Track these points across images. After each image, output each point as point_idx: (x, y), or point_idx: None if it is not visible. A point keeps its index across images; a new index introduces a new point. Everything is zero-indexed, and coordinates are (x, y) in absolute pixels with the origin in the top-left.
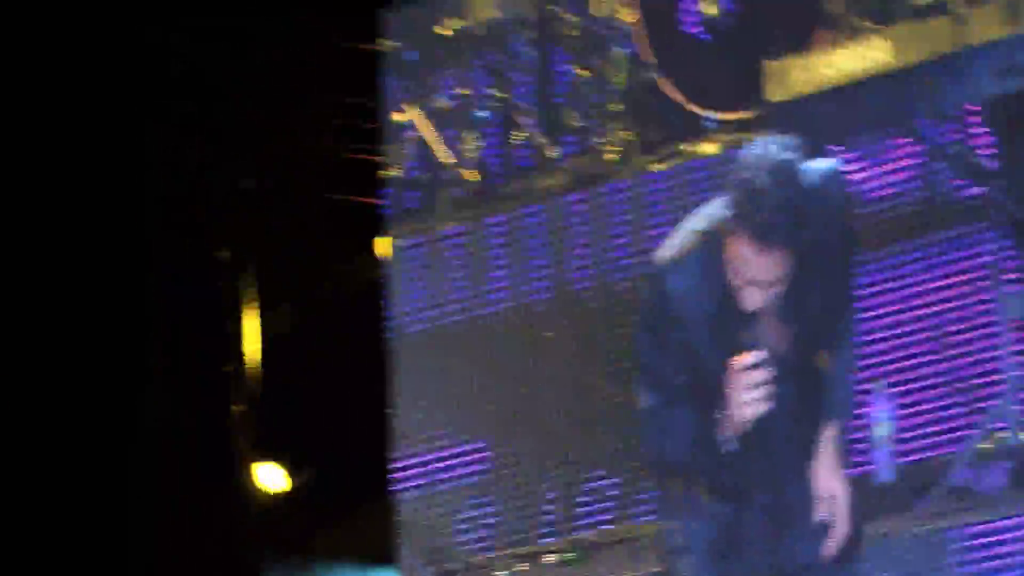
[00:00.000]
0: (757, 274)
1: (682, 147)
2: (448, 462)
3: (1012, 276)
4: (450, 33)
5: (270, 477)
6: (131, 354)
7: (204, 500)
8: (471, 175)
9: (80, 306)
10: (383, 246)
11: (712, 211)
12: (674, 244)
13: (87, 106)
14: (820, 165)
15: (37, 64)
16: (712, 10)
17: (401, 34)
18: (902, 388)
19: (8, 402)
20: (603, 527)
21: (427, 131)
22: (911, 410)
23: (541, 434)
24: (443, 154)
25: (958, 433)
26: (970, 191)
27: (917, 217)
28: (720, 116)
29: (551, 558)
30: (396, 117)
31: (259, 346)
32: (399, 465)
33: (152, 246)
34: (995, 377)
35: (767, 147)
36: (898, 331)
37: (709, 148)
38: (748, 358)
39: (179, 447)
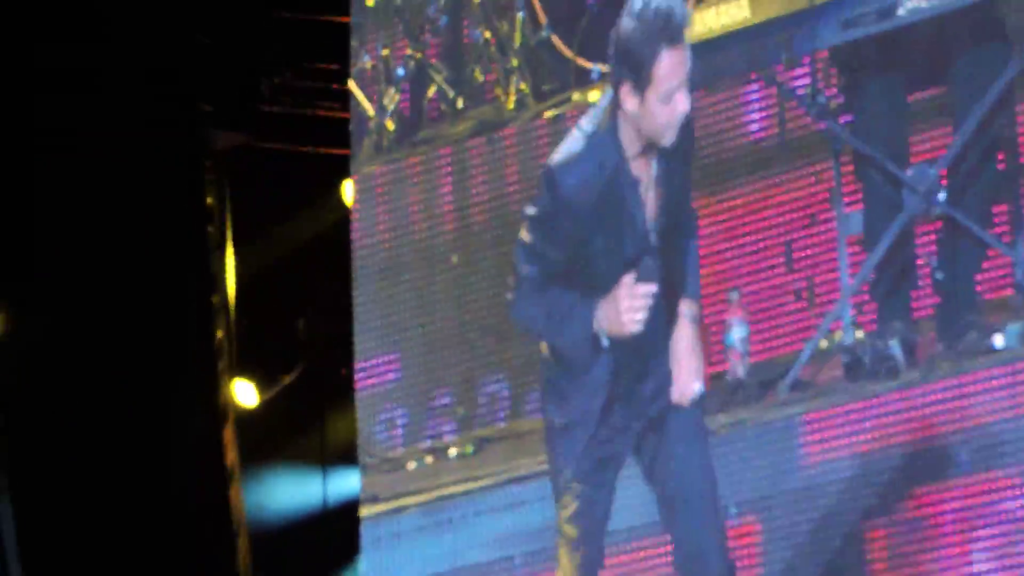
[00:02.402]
0: (651, 125)
1: (571, 96)
2: (367, 372)
3: (849, 200)
4: (373, 3)
5: (245, 392)
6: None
7: (190, 413)
8: (388, 124)
9: (88, 250)
10: (347, 189)
11: (597, 109)
12: (565, 147)
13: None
14: None
15: None
16: None
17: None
18: (754, 297)
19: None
20: (496, 424)
21: (354, 88)
22: (762, 316)
23: (443, 346)
24: (367, 107)
25: (801, 334)
26: (817, 127)
27: (772, 150)
28: (604, 68)
29: (453, 451)
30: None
31: (237, 280)
32: (357, 377)
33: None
34: (834, 285)
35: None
36: (753, 247)
37: (594, 95)
38: (642, 287)
39: (170, 368)
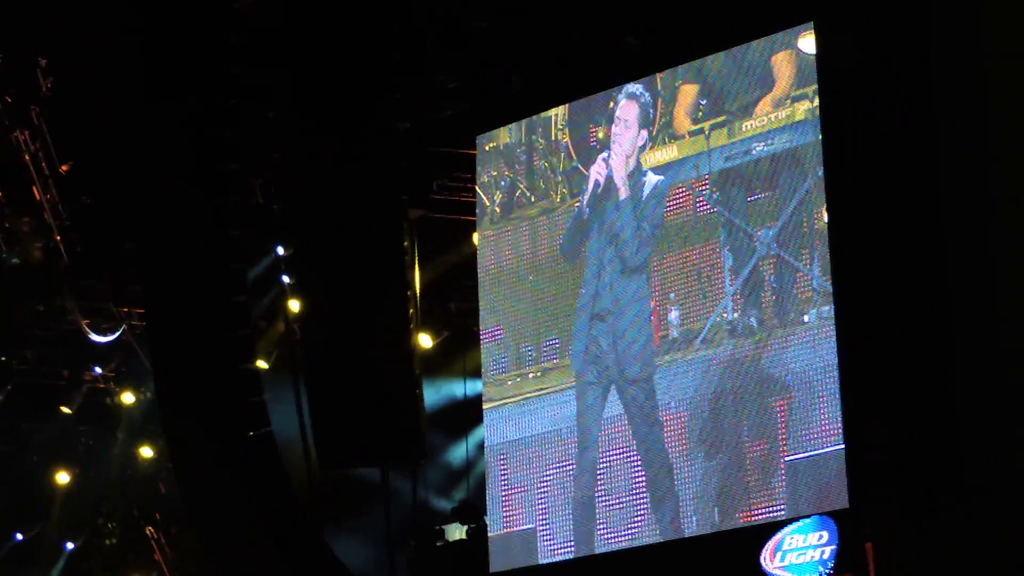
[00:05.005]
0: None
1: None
2: (486, 333)
3: (728, 247)
4: (488, 148)
5: (425, 340)
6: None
7: (396, 350)
8: (496, 208)
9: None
10: (475, 238)
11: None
12: None
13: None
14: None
15: None
16: (600, 135)
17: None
18: (682, 297)
19: None
20: (552, 361)
21: (478, 190)
22: (686, 306)
23: (525, 321)
24: (485, 199)
25: (707, 315)
26: (712, 210)
27: (689, 222)
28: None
29: (530, 375)
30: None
31: (420, 283)
32: (481, 335)
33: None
34: (721, 290)
35: None
36: (682, 270)
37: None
38: None
39: (387, 326)
